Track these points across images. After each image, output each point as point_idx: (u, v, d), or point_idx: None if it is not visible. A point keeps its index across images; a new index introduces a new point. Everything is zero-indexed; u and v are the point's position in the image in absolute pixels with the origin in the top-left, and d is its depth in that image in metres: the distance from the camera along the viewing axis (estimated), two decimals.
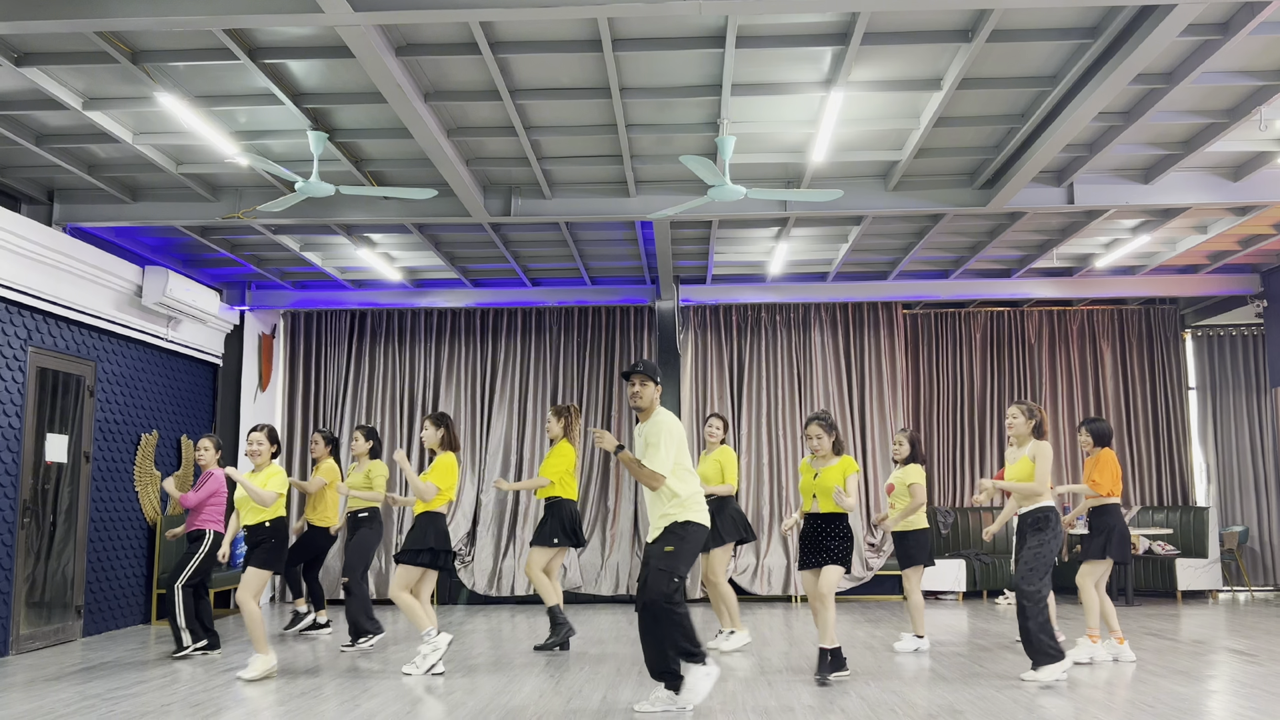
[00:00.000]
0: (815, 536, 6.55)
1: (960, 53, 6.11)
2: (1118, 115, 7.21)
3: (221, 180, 8.54)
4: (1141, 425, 12.60)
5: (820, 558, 6.50)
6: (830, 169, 8.28)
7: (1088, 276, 11.69)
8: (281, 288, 11.87)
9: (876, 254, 10.97)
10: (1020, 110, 7.14)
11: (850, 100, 6.86)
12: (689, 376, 12.35)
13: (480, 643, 8.58)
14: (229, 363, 11.60)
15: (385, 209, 8.74)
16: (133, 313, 9.65)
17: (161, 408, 10.40)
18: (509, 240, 10.28)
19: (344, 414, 12.40)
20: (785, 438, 12.24)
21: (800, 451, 12.20)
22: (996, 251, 10.87)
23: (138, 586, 9.92)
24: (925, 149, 7.82)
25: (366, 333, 12.64)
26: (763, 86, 6.67)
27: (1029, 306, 12.90)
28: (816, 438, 6.64)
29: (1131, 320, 12.87)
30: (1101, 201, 8.56)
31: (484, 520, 12.11)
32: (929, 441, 12.76)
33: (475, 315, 12.63)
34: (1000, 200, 8.36)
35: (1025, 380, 12.78)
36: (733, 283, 12.05)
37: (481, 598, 11.89)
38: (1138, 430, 12.60)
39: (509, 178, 8.50)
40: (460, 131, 7.39)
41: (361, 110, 7.02)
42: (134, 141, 7.43)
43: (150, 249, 10.33)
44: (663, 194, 8.70)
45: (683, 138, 7.56)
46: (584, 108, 7.03)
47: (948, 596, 11.97)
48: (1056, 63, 6.39)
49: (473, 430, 12.41)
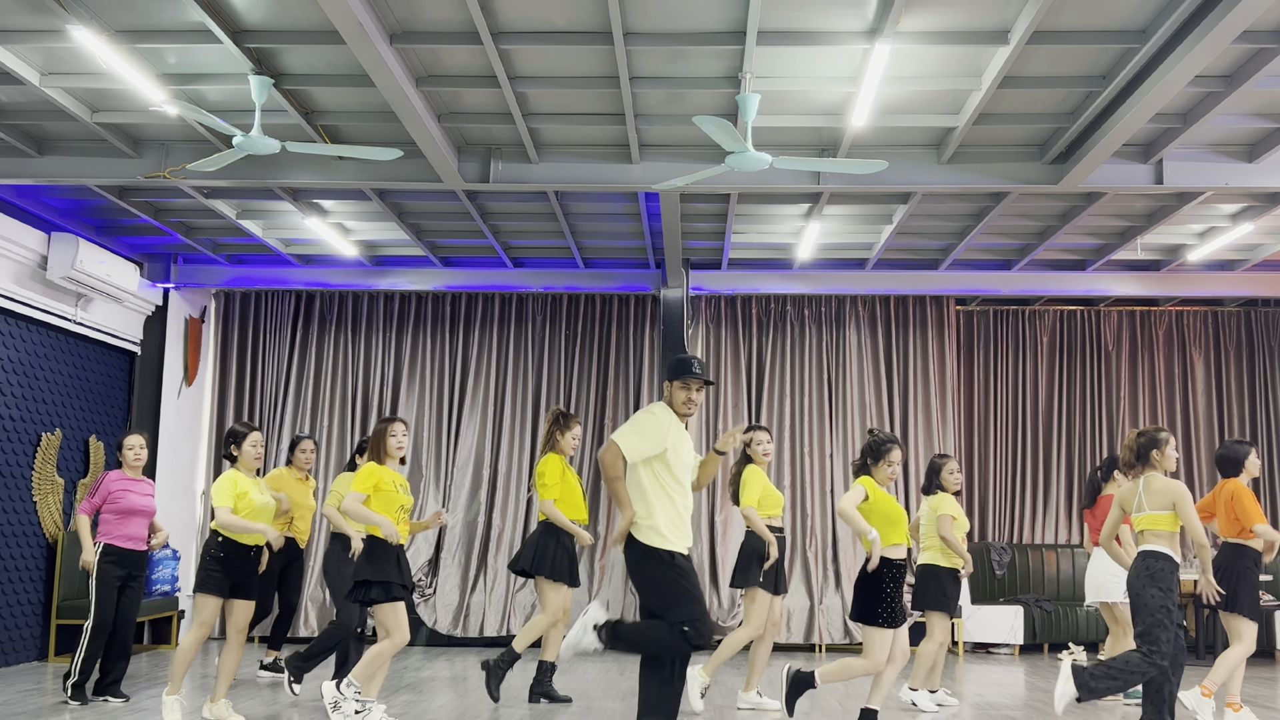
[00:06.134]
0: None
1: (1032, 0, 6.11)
2: (1218, 79, 7.20)
3: (145, 132, 8.53)
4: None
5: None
6: (873, 135, 8.28)
7: (1178, 271, 11.69)
8: (214, 262, 11.87)
9: (926, 239, 10.98)
10: (1102, 71, 7.14)
11: (899, 54, 6.85)
12: None
13: (440, 693, 8.59)
14: (149, 350, 11.61)
15: (340, 171, 8.74)
16: (34, 288, 9.65)
17: (67, 402, 10.41)
18: (487, 212, 10.28)
19: (284, 415, 12.40)
20: (812, 456, 12.24)
21: (830, 473, 12.20)
22: (1069, 239, 10.86)
23: (33, 616, 9.92)
24: (987, 114, 7.82)
25: (314, 318, 12.65)
26: (795, 35, 6.67)
27: (1106, 306, 12.90)
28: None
29: (1229, 325, 12.87)
30: (1196, 182, 8.56)
31: (449, 547, 12.12)
32: (983, 463, 12.75)
33: (444, 301, 12.63)
34: (1075, 178, 8.36)
35: (1100, 392, 12.78)
36: (753, 269, 12.05)
37: (444, 639, 11.90)
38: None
39: (489, 137, 8.50)
40: (431, 80, 7.39)
41: (314, 52, 7.02)
42: (41, 84, 7.42)
43: (58, 213, 10.33)
44: (672, 161, 8.70)
45: (698, 94, 7.56)
46: (580, 55, 7.03)
47: (1002, 650, 11.97)
48: (1147, 14, 6.39)
49: (438, 438, 12.42)
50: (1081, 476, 12.63)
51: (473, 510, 12.24)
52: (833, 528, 12.13)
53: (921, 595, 8.21)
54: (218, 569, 6.98)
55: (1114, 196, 9.38)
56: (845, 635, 11.80)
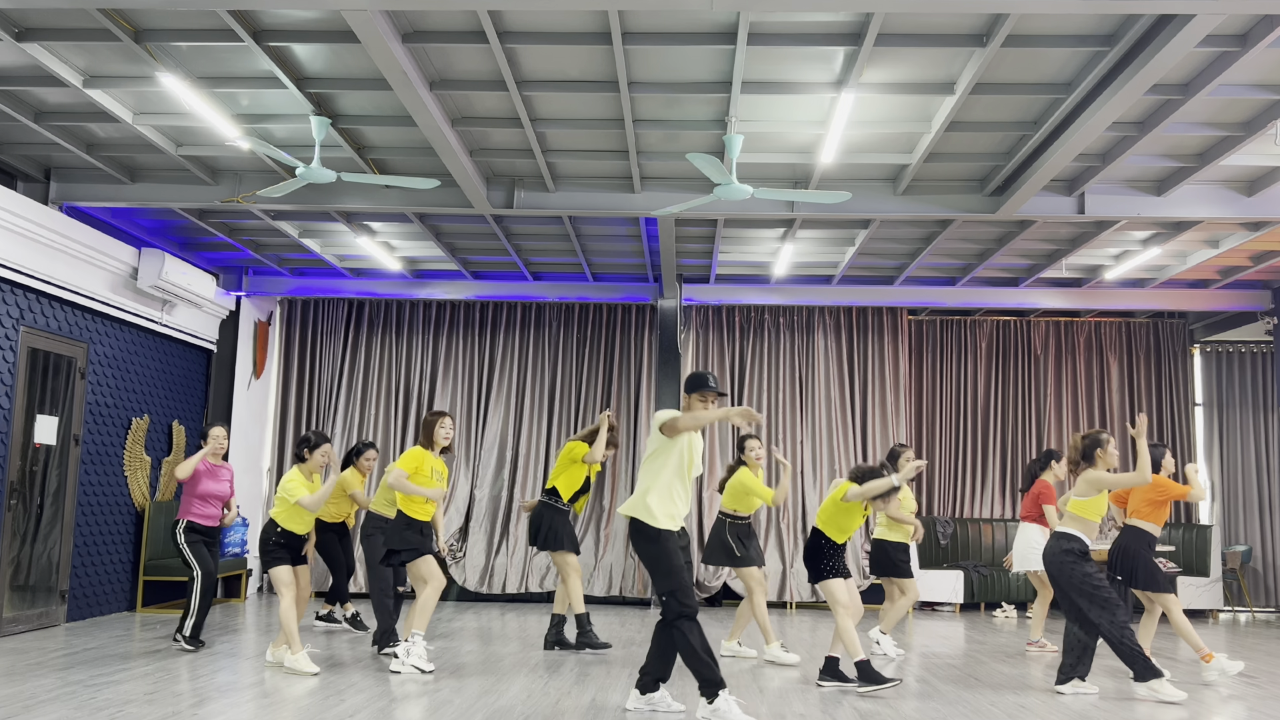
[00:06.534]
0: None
1: (974, 57, 6.11)
2: (1132, 125, 7.21)
3: (221, 163, 8.54)
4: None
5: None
6: (839, 171, 8.28)
7: (1096, 288, 11.69)
8: (279, 274, 11.88)
9: (883, 258, 10.98)
10: (1033, 117, 7.14)
11: (861, 102, 6.86)
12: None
13: (469, 641, 8.59)
14: (223, 349, 11.61)
15: (386, 197, 8.74)
16: (127, 295, 9.65)
17: (153, 392, 10.41)
18: (511, 233, 10.28)
19: (338, 405, 12.40)
20: (786, 441, 12.24)
21: (801, 457, 12.20)
22: (1005, 260, 10.87)
23: (124, 573, 9.92)
24: (936, 153, 7.83)
25: (364, 322, 12.64)
26: (773, 85, 6.68)
27: (1036, 316, 12.91)
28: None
29: (1139, 334, 12.88)
30: (1113, 212, 8.56)
31: (477, 516, 12.12)
32: (931, 449, 12.76)
33: (474, 308, 12.63)
34: (1010, 208, 8.36)
35: (1030, 391, 12.78)
36: (736, 283, 12.06)
37: (472, 595, 11.90)
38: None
39: (513, 169, 8.51)
40: (465, 121, 7.39)
41: (365, 97, 7.02)
42: (134, 121, 7.43)
43: (147, 231, 10.34)
44: (668, 191, 8.70)
45: (690, 134, 7.56)
46: (591, 101, 7.03)
47: (944, 608, 11.97)
48: (1072, 70, 6.40)
49: (468, 425, 12.41)
50: (1014, 461, 12.64)
51: (497, 485, 12.24)
52: (802, 503, 12.12)
53: (875, 564, 8.22)
54: (280, 548, 7.11)
55: (1043, 224, 9.38)
56: (813, 594, 11.79)
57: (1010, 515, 12.58)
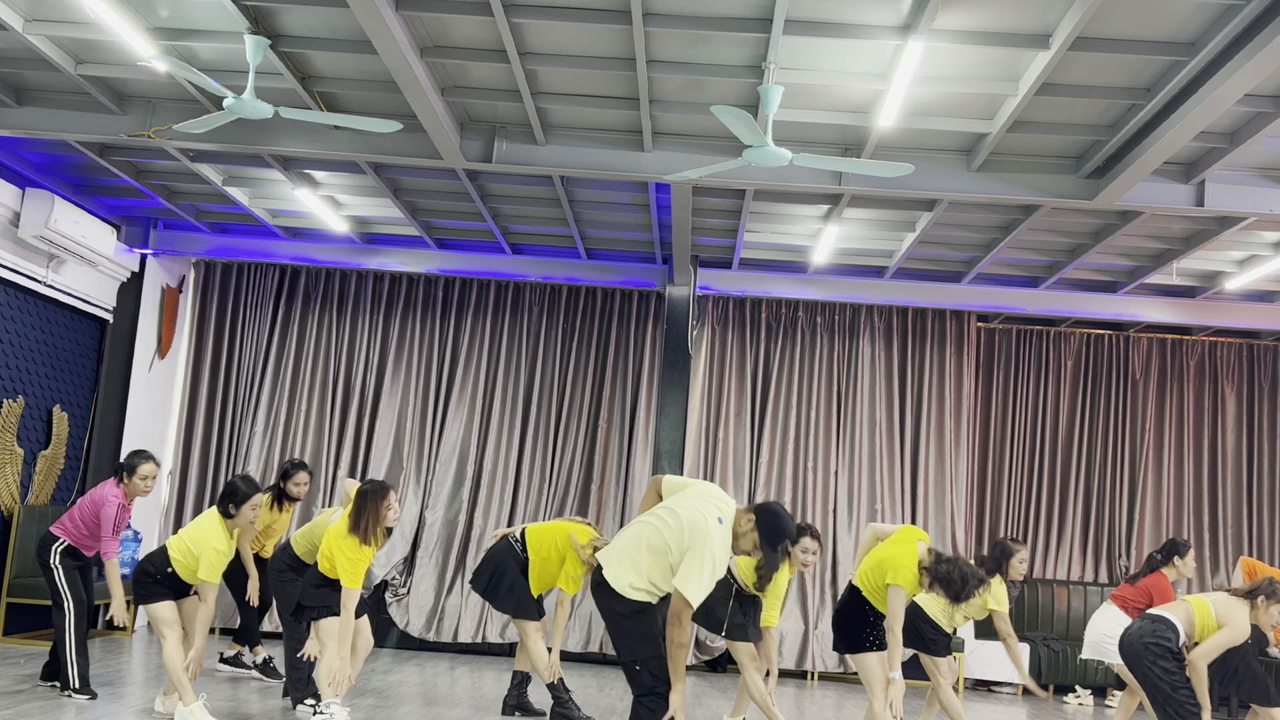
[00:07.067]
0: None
1: (1077, 4, 6.11)
2: (1268, 99, 7.21)
3: (131, 88, 8.54)
4: (1267, 488, 12.60)
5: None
6: (900, 137, 8.28)
7: (1214, 299, 11.69)
8: (196, 229, 11.88)
9: (950, 249, 10.98)
10: (1146, 83, 7.14)
11: (932, 53, 6.86)
12: (700, 385, 12.35)
13: (408, 700, 8.59)
14: (121, 318, 11.61)
15: (335, 140, 8.74)
16: (4, 245, 9.65)
17: (31, 369, 10.41)
18: (487, 194, 10.29)
19: (260, 396, 12.40)
20: (815, 471, 12.24)
21: (834, 491, 12.20)
22: (1101, 259, 10.87)
23: None
24: (1022, 122, 7.83)
25: (298, 295, 12.66)
26: (824, 26, 6.67)
27: (1137, 331, 12.91)
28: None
29: (1264, 359, 12.88)
30: (1239, 206, 8.56)
31: (426, 544, 12.13)
32: (996, 490, 12.76)
33: (437, 285, 12.64)
34: (1111, 194, 8.36)
35: (1125, 421, 12.79)
36: (765, 270, 12.06)
37: (416, 642, 11.91)
38: (1261, 494, 12.60)
39: (494, 114, 8.51)
40: (437, 51, 7.39)
41: (315, 14, 7.02)
42: (24, 30, 7.42)
43: (34, 168, 10.33)
44: (686, 151, 8.70)
45: (718, 82, 7.56)
46: (596, 33, 7.03)
47: (1004, 689, 11.98)
48: (1198, 25, 6.39)
49: (422, 430, 12.42)
50: (1100, 511, 12.65)
51: (454, 508, 12.24)
52: (833, 551, 12.13)
53: (909, 635, 8.09)
54: (161, 585, 7.17)
55: (1151, 216, 9.38)
56: (840, 664, 11.80)
57: (1091, 578, 12.58)
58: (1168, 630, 6.54)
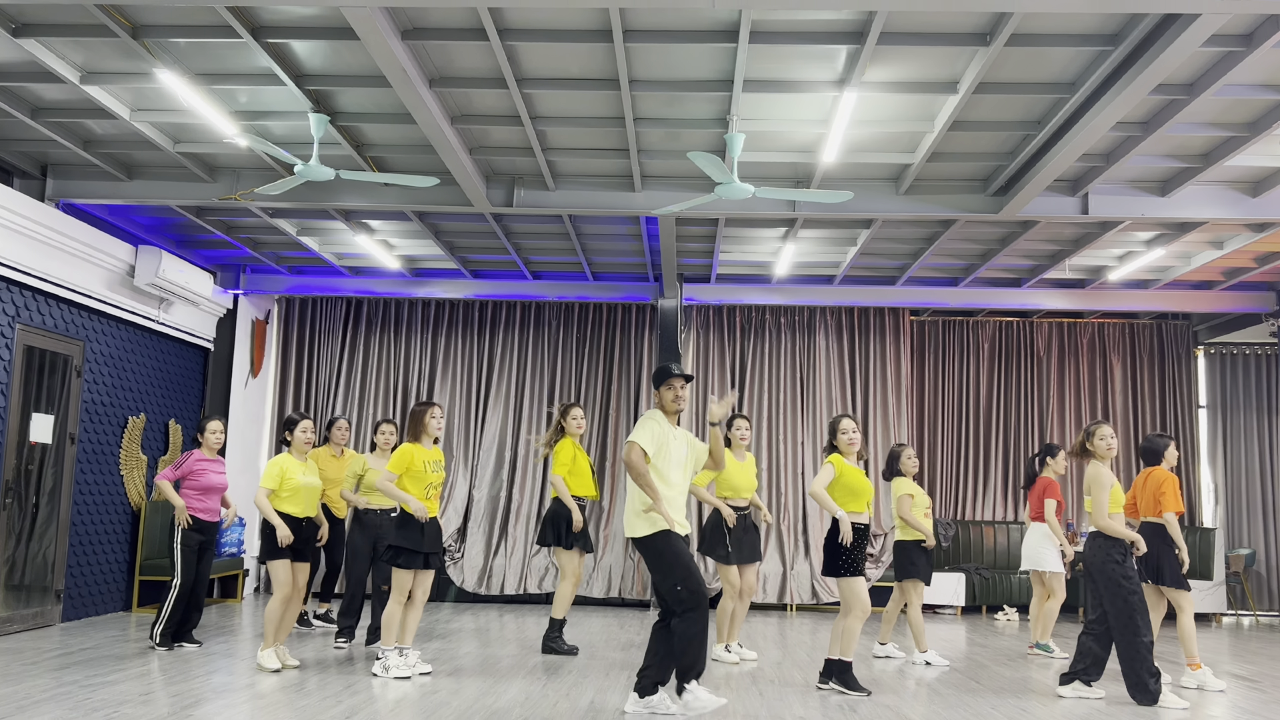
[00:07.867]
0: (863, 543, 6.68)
1: (978, 56, 6.11)
2: (1136, 125, 7.20)
3: (219, 160, 8.54)
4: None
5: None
6: (841, 170, 8.28)
7: (1100, 289, 11.69)
8: (277, 272, 11.87)
9: (885, 258, 10.97)
10: (1037, 117, 7.14)
11: (864, 101, 6.86)
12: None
13: (467, 642, 8.59)
14: (220, 347, 11.61)
15: (385, 195, 8.74)
16: (124, 293, 9.65)
17: (150, 391, 10.40)
18: (510, 231, 10.28)
19: (335, 404, 12.40)
20: (786, 442, 12.24)
21: (801, 458, 12.20)
22: (1007, 260, 10.87)
23: (119, 573, 9.92)
24: (939, 153, 7.82)
25: (362, 321, 12.64)
26: (775, 84, 6.67)
27: (1039, 318, 12.90)
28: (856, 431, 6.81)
29: (1143, 335, 12.88)
30: (1116, 213, 8.56)
31: (475, 517, 12.12)
32: (932, 451, 12.75)
33: (473, 307, 12.63)
34: (1013, 208, 8.36)
35: (1032, 392, 12.78)
36: (737, 283, 12.06)
37: (470, 595, 11.90)
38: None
39: (513, 168, 8.50)
40: (464, 119, 7.39)
41: (364, 94, 7.02)
42: (131, 118, 7.43)
43: (144, 229, 10.33)
44: (669, 190, 8.70)
45: (691, 133, 7.56)
46: (592, 99, 7.03)
47: (946, 611, 11.97)
48: (1076, 69, 6.39)
49: (467, 425, 12.41)
50: (1016, 463, 12.64)
51: (496, 485, 12.24)
52: (802, 505, 12.12)
53: (896, 567, 8.12)
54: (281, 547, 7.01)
55: (1046, 224, 9.38)
56: (813, 596, 11.79)
57: (1012, 517, 12.58)
58: (1113, 543, 6.47)
